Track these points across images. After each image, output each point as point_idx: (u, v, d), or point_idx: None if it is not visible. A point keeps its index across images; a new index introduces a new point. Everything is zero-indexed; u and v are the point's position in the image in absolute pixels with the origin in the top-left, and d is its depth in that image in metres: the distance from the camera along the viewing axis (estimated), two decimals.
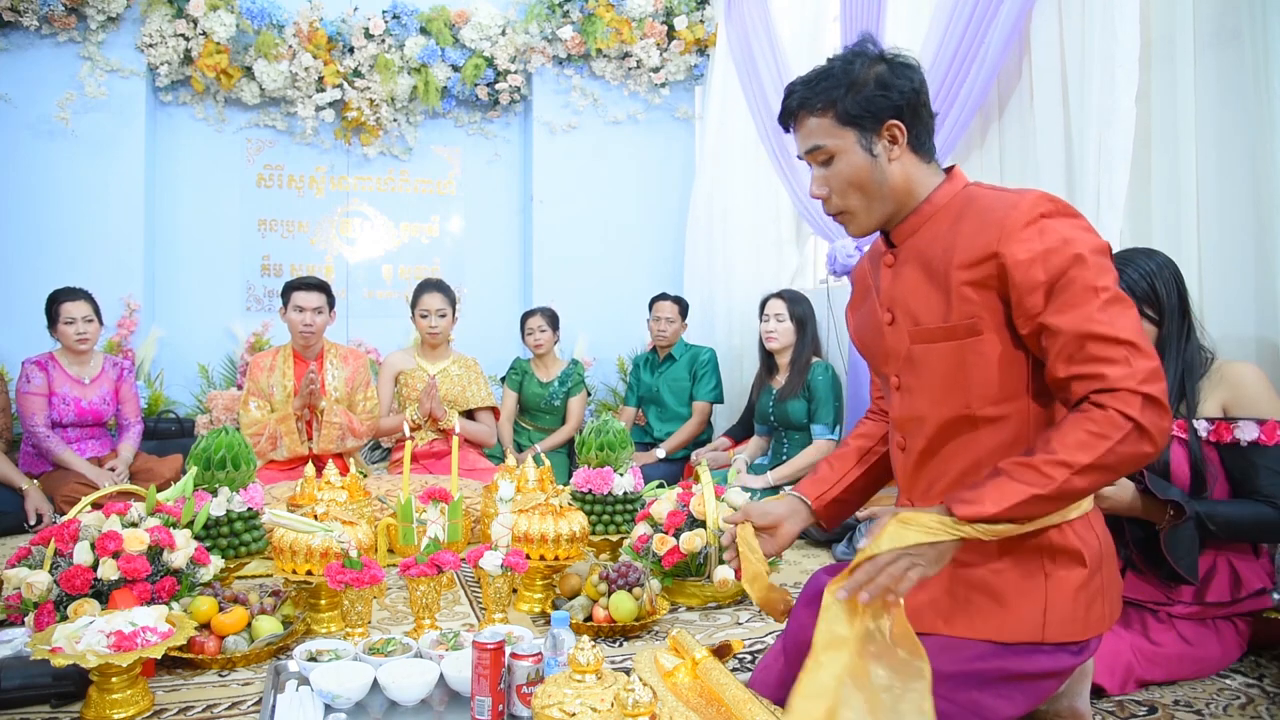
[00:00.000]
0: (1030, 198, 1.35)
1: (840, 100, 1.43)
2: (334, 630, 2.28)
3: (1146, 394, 1.24)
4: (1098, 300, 1.28)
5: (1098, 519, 1.47)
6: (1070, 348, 1.29)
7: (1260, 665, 1.99)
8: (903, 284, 1.49)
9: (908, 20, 3.66)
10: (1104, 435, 1.24)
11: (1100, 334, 1.27)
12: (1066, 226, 1.33)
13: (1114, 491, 1.89)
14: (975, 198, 1.43)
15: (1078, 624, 1.38)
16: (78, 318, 3.65)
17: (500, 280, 5.48)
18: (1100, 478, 1.27)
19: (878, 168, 1.45)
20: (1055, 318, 1.30)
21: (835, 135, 1.45)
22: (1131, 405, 1.24)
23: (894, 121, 1.44)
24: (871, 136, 1.44)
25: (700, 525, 2.52)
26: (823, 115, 1.45)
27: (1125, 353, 1.26)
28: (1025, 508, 1.27)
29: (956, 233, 1.41)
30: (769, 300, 3.75)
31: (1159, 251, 2.02)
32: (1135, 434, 1.24)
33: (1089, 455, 1.24)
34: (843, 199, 1.48)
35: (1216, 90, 2.44)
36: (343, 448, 3.66)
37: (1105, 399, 1.25)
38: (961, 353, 1.40)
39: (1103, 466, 1.25)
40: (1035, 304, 1.31)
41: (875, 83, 1.43)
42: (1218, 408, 1.93)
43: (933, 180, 1.49)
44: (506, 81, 5.16)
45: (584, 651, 1.39)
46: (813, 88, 1.46)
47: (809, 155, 1.50)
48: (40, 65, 4.56)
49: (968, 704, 1.35)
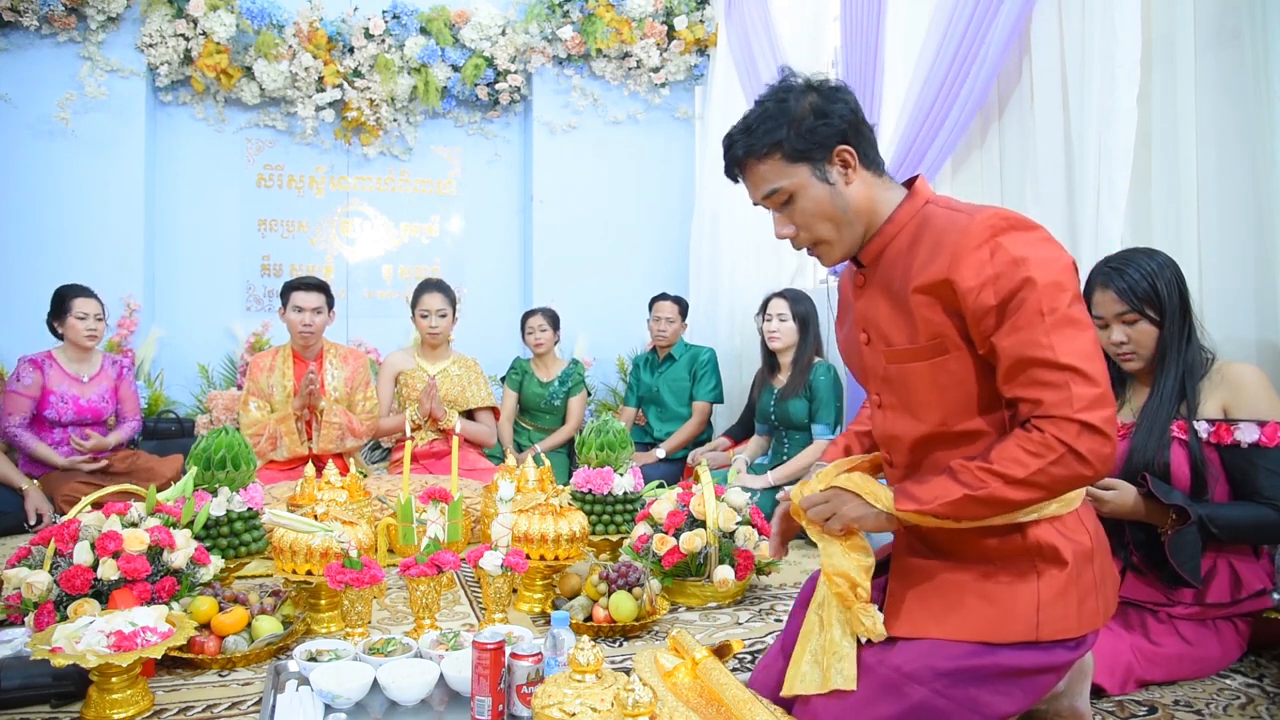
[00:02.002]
0: (981, 218, 1.34)
1: (784, 140, 1.42)
2: (334, 630, 2.28)
3: (1084, 421, 1.27)
4: (1044, 324, 1.28)
5: (1089, 515, 1.48)
6: (1013, 369, 1.32)
7: (1260, 665, 1.99)
8: (872, 306, 1.50)
9: (908, 20, 3.65)
10: (1037, 455, 1.29)
11: (1042, 359, 1.28)
12: (1020, 244, 1.31)
13: (1116, 495, 1.89)
14: (930, 219, 1.43)
15: (1071, 620, 1.38)
16: (90, 314, 3.66)
17: (500, 280, 5.48)
18: (1034, 493, 1.32)
19: (838, 194, 1.45)
20: (1003, 340, 1.32)
21: (788, 174, 1.44)
22: (1067, 432, 1.27)
23: (842, 146, 1.44)
24: (824, 166, 1.44)
25: (700, 525, 2.52)
26: (770, 158, 1.44)
27: (1066, 378, 1.28)
28: (957, 506, 1.35)
29: (912, 257, 1.41)
30: (771, 299, 3.75)
31: (1160, 251, 2.01)
32: (1070, 458, 1.28)
33: (1021, 471, 1.30)
34: (811, 232, 1.48)
35: (1216, 90, 2.44)
36: (342, 448, 3.66)
37: (1043, 424, 1.30)
38: (933, 371, 1.41)
39: (1034, 484, 1.30)
40: (988, 327, 1.33)
41: (814, 113, 1.42)
42: (1218, 409, 1.93)
43: (893, 195, 1.49)
44: (506, 81, 5.16)
45: (584, 651, 1.39)
46: (753, 134, 1.45)
47: (766, 200, 1.49)
48: (40, 65, 4.55)
49: (965, 701, 1.35)
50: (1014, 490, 1.31)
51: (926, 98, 3.28)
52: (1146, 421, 1.97)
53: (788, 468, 3.55)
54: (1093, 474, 1.29)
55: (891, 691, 1.36)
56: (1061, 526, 1.41)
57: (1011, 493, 1.31)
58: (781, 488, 3.46)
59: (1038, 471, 1.29)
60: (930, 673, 1.35)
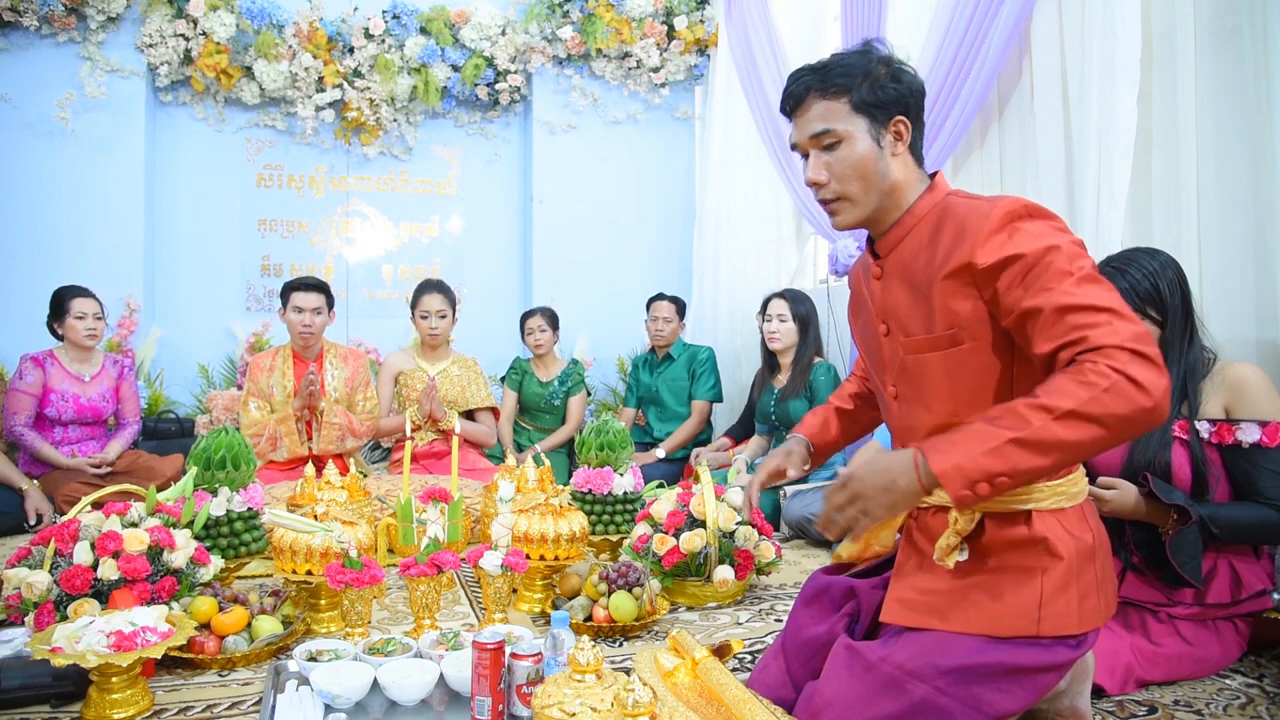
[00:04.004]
0: (1003, 204, 1.35)
1: (856, 88, 1.45)
2: (334, 630, 2.27)
3: (1134, 349, 1.19)
4: (1071, 279, 1.28)
5: (1092, 512, 1.48)
6: (1049, 322, 1.27)
7: (1260, 665, 1.99)
8: (891, 297, 1.51)
9: (908, 20, 3.65)
10: (1088, 383, 1.18)
11: (1078, 304, 1.25)
12: (1038, 226, 1.33)
13: (1117, 495, 1.89)
14: (951, 208, 1.44)
15: (1073, 617, 1.38)
16: (89, 314, 3.67)
17: (500, 280, 5.48)
18: (1086, 430, 1.18)
19: (883, 159, 1.47)
20: (1032, 300, 1.29)
21: (847, 120, 1.45)
22: (1118, 359, 1.19)
23: (901, 117, 1.46)
24: (880, 128, 1.46)
25: (700, 525, 2.52)
26: (836, 99, 1.46)
27: (1107, 318, 1.24)
28: (1001, 456, 1.20)
29: (935, 245, 1.42)
30: (771, 300, 3.75)
31: (1161, 251, 2.01)
32: (1126, 385, 1.17)
33: (1071, 401, 1.18)
34: (842, 184, 1.48)
35: (1216, 90, 2.44)
36: (342, 448, 3.66)
37: (1091, 355, 1.21)
38: (947, 362, 1.42)
39: (1088, 416, 1.17)
40: (1015, 298, 1.31)
41: (890, 76, 1.46)
42: (1220, 409, 1.93)
43: (919, 185, 1.50)
44: (506, 81, 5.16)
45: (584, 651, 1.38)
46: (826, 72, 1.47)
47: (813, 140, 1.49)
48: (40, 65, 4.55)
49: (968, 699, 1.35)
50: (1064, 426, 1.17)
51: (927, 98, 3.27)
52: None
53: None
54: (1152, 405, 1.17)
55: (893, 689, 1.36)
56: (1065, 521, 1.41)
57: (1062, 430, 1.17)
58: (781, 488, 3.48)
59: (1090, 400, 1.17)
60: (932, 670, 1.35)
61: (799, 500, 3.34)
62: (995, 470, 1.21)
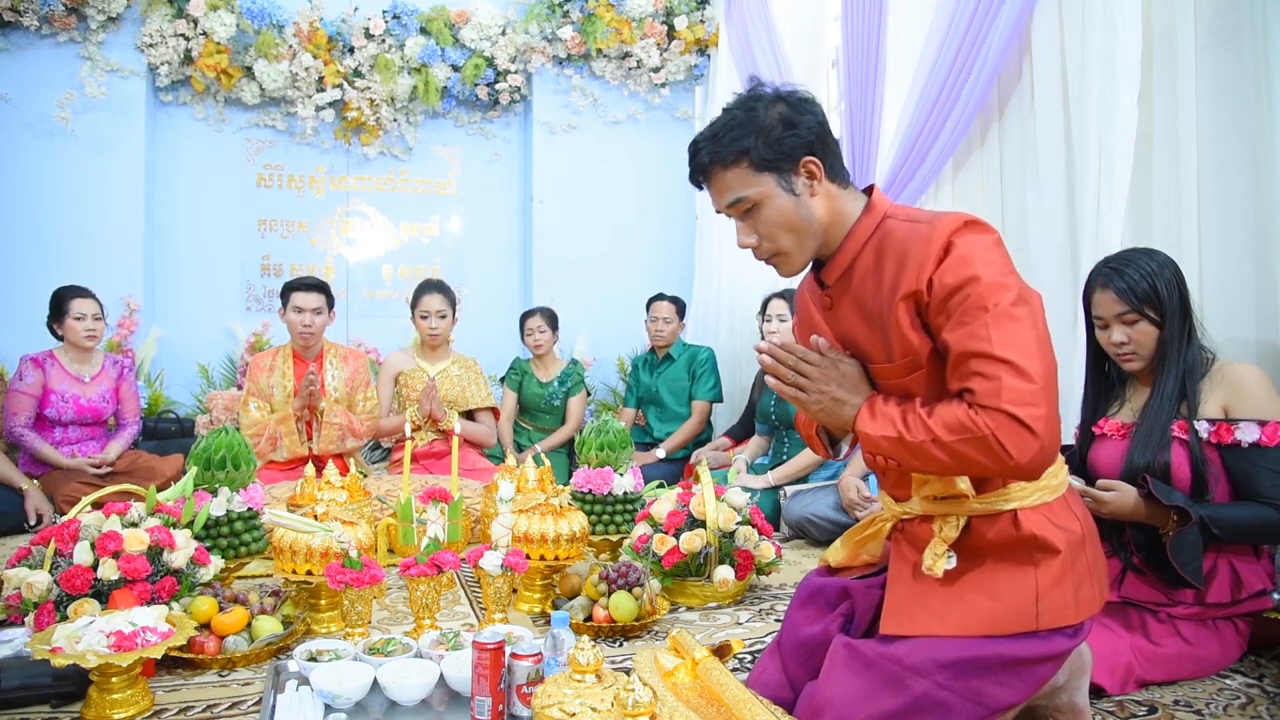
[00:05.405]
0: (941, 225, 1.35)
1: (752, 148, 1.42)
2: (334, 630, 2.27)
3: (1010, 414, 1.26)
4: (984, 318, 1.29)
5: (1076, 502, 1.49)
6: (955, 363, 1.33)
7: (1260, 665, 1.99)
8: (845, 326, 1.51)
9: (909, 20, 3.65)
10: (963, 429, 1.29)
11: (979, 351, 1.29)
12: (971, 244, 1.33)
13: (1116, 497, 1.89)
14: (890, 234, 1.43)
15: (1069, 608, 1.39)
16: (88, 314, 3.67)
17: (500, 280, 5.48)
18: (953, 463, 1.32)
19: (803, 205, 1.44)
20: (949, 335, 1.33)
21: (754, 183, 1.43)
22: (994, 421, 1.27)
23: (808, 158, 1.43)
24: (790, 177, 1.43)
25: (700, 525, 2.52)
26: (736, 166, 1.43)
27: (998, 370, 1.28)
28: (893, 445, 1.36)
29: (881, 273, 1.42)
30: (771, 300, 3.75)
31: (1160, 251, 2.01)
32: (995, 445, 1.27)
33: (950, 436, 1.31)
34: (773, 242, 1.47)
35: (1216, 90, 2.44)
36: (343, 448, 3.66)
37: (975, 410, 1.30)
38: (907, 386, 1.42)
39: (956, 454, 1.31)
40: (938, 325, 1.35)
41: (782, 123, 1.42)
42: (1219, 409, 1.93)
43: (854, 207, 1.48)
44: (506, 81, 5.16)
45: (584, 651, 1.38)
46: (720, 141, 1.44)
47: (730, 209, 1.47)
48: (40, 65, 4.55)
49: (967, 693, 1.35)
50: (939, 450, 1.31)
51: (928, 98, 3.28)
52: (1147, 422, 1.97)
53: (788, 468, 3.55)
54: (1015, 465, 1.28)
55: (894, 684, 1.37)
56: (1051, 514, 1.42)
57: (935, 451, 1.32)
58: (781, 488, 3.48)
59: (956, 442, 1.29)
60: (932, 665, 1.36)
61: (799, 500, 3.34)
62: (888, 453, 1.39)
